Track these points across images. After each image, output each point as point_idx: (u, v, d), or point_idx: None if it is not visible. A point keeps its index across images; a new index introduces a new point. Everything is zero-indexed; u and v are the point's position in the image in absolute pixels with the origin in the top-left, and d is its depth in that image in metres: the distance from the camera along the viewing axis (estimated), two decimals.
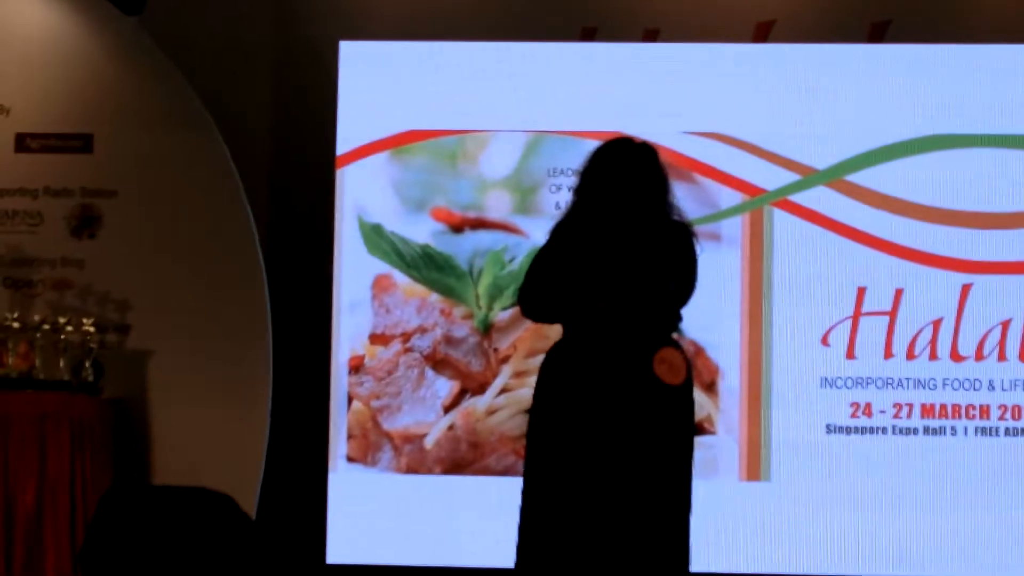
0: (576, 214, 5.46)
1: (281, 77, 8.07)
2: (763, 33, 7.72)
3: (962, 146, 7.53)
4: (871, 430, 7.32)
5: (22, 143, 7.61)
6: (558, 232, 5.46)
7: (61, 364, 7.21)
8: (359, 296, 7.59)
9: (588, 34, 7.76)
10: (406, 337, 7.52)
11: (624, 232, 5.37)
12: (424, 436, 7.46)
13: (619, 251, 5.36)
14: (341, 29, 7.81)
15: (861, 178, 7.45)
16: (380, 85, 7.68)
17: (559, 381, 5.40)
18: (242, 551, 5.29)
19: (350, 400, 7.53)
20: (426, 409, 7.51)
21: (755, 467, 7.35)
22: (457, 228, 7.53)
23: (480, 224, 7.51)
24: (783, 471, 7.33)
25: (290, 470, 7.62)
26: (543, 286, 5.38)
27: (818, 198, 7.44)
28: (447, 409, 7.48)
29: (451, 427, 7.49)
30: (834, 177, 7.44)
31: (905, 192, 7.41)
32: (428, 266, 7.53)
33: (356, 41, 7.72)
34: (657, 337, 5.39)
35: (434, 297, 7.51)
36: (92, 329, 7.26)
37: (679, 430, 5.38)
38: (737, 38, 7.70)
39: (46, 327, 7.25)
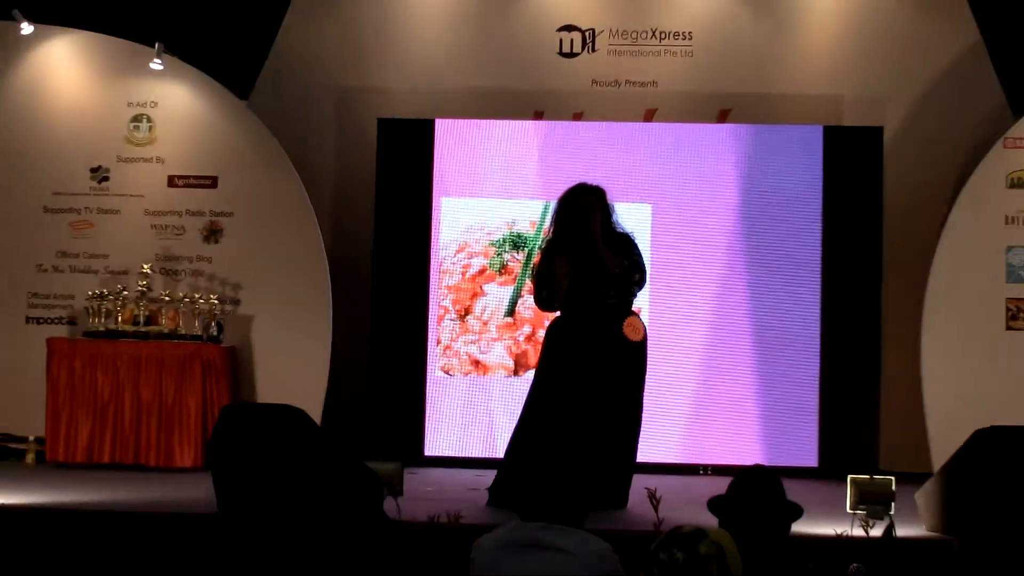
0: (555, 238, 5.65)
1: (340, 141, 7.97)
2: (649, 115, 7.80)
3: None
4: None
5: (172, 181, 7.68)
6: (548, 250, 5.66)
7: (196, 324, 7.29)
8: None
9: (539, 115, 7.79)
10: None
11: (590, 243, 5.57)
12: None
13: (589, 255, 5.57)
14: (377, 107, 7.79)
15: None
16: (409, 154, 7.56)
17: (560, 341, 5.62)
18: (310, 446, 5.20)
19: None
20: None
21: None
22: None
23: None
24: None
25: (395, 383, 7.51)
26: (557, 275, 5.55)
27: None
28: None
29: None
30: None
31: None
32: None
33: (389, 118, 7.63)
34: (623, 309, 5.62)
35: None
36: (216, 301, 7.35)
37: (639, 371, 5.64)
38: (634, 118, 7.76)
39: (187, 300, 7.33)
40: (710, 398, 7.45)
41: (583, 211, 5.59)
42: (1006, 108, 7.60)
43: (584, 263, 5.58)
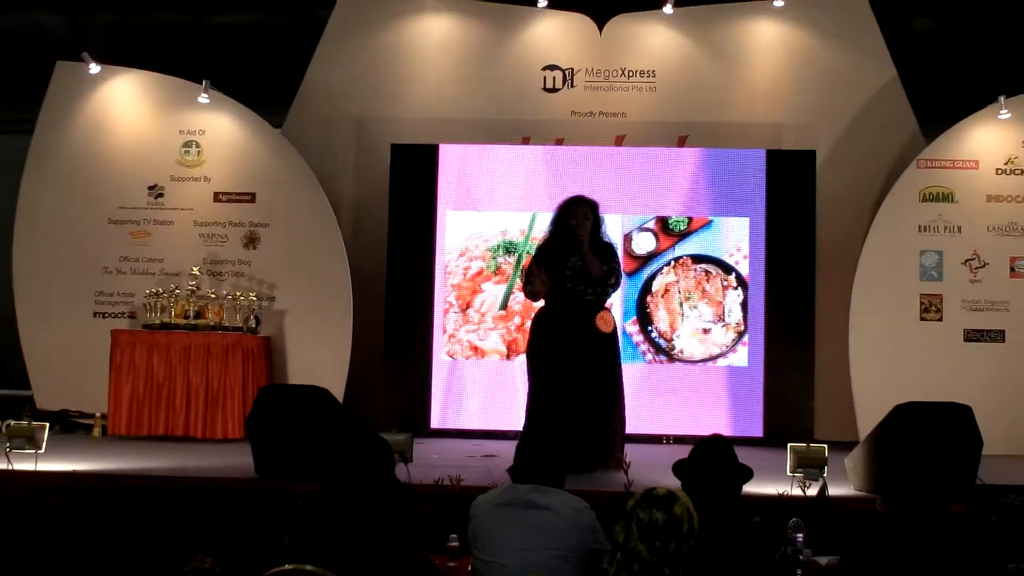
0: (551, 237, 5.61)
1: (359, 162, 7.92)
2: (620, 140, 7.81)
3: None
4: None
5: (217, 197, 7.64)
6: (540, 249, 5.65)
7: (238, 317, 7.26)
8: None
9: (526, 140, 7.78)
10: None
11: (577, 246, 5.52)
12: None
13: (576, 257, 5.52)
14: (390, 134, 7.74)
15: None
16: (417, 174, 7.51)
17: (544, 331, 5.55)
18: (333, 420, 5.28)
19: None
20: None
21: None
22: None
23: None
24: None
25: (406, 365, 7.41)
26: (534, 281, 5.52)
27: None
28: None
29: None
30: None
31: None
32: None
33: (400, 143, 7.58)
34: (598, 305, 5.55)
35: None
36: (255, 298, 7.32)
37: (611, 357, 5.57)
38: (606, 143, 7.75)
39: (230, 297, 7.32)
40: (673, 380, 7.43)
41: (576, 219, 5.57)
42: (919, 134, 7.65)
43: (570, 263, 5.55)
